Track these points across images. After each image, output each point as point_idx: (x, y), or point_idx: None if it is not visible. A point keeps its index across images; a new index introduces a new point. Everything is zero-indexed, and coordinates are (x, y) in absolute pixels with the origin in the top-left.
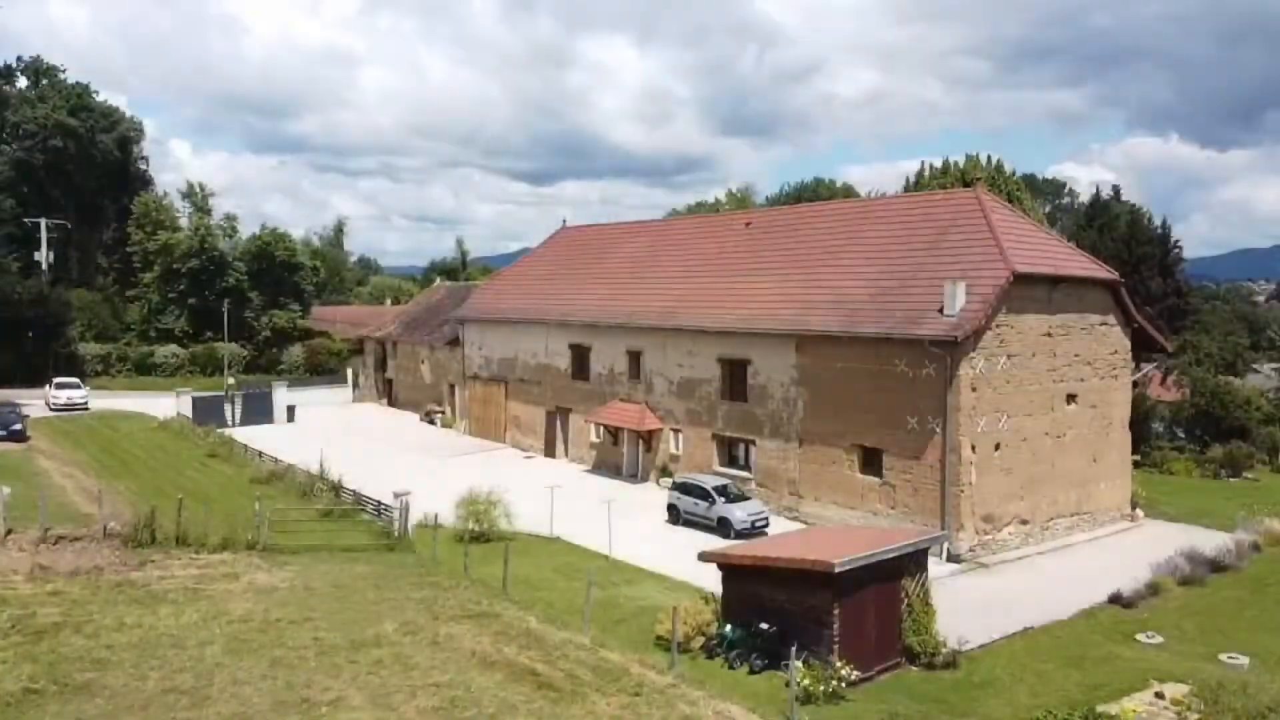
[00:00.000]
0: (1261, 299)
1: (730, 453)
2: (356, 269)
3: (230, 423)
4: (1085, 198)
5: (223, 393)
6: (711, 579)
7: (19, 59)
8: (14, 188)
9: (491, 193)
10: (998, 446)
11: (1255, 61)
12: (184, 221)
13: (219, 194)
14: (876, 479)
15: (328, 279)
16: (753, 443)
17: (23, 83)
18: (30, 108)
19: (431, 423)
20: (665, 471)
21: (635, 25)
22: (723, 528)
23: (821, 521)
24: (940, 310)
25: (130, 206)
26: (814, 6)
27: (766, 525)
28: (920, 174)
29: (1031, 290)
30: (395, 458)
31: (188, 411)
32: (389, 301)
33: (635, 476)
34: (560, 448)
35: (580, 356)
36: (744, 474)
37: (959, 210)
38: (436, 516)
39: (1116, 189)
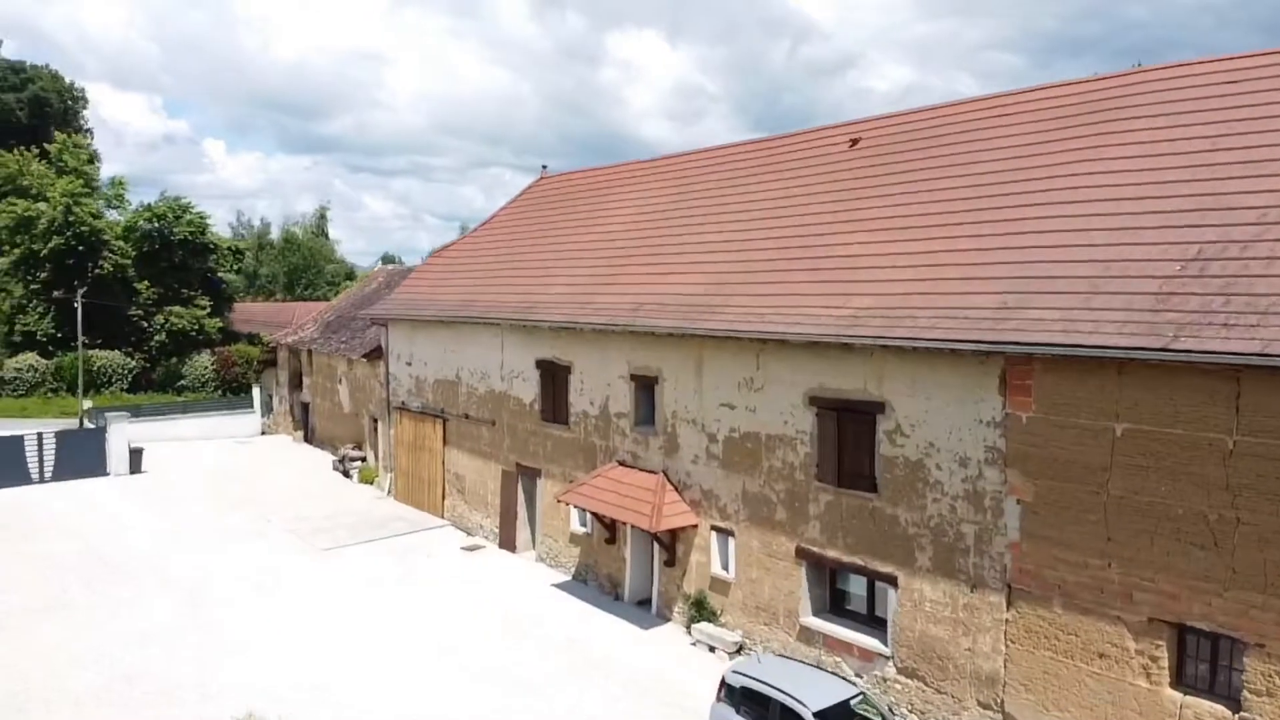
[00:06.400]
0: None
1: (836, 589)
2: (373, 264)
3: (37, 477)
4: None
5: (74, 427)
6: None
7: None
8: None
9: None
10: None
11: None
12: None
13: (253, 193)
14: (1218, 706)
15: (305, 270)
16: (891, 581)
17: None
18: None
19: (347, 475)
20: (700, 608)
21: (665, 20)
22: None
23: None
24: None
25: None
26: (846, 0)
27: None
28: None
29: None
30: (245, 548)
31: None
32: None
33: (647, 606)
34: (525, 532)
35: (554, 382)
36: (869, 642)
37: None
38: None
39: None
